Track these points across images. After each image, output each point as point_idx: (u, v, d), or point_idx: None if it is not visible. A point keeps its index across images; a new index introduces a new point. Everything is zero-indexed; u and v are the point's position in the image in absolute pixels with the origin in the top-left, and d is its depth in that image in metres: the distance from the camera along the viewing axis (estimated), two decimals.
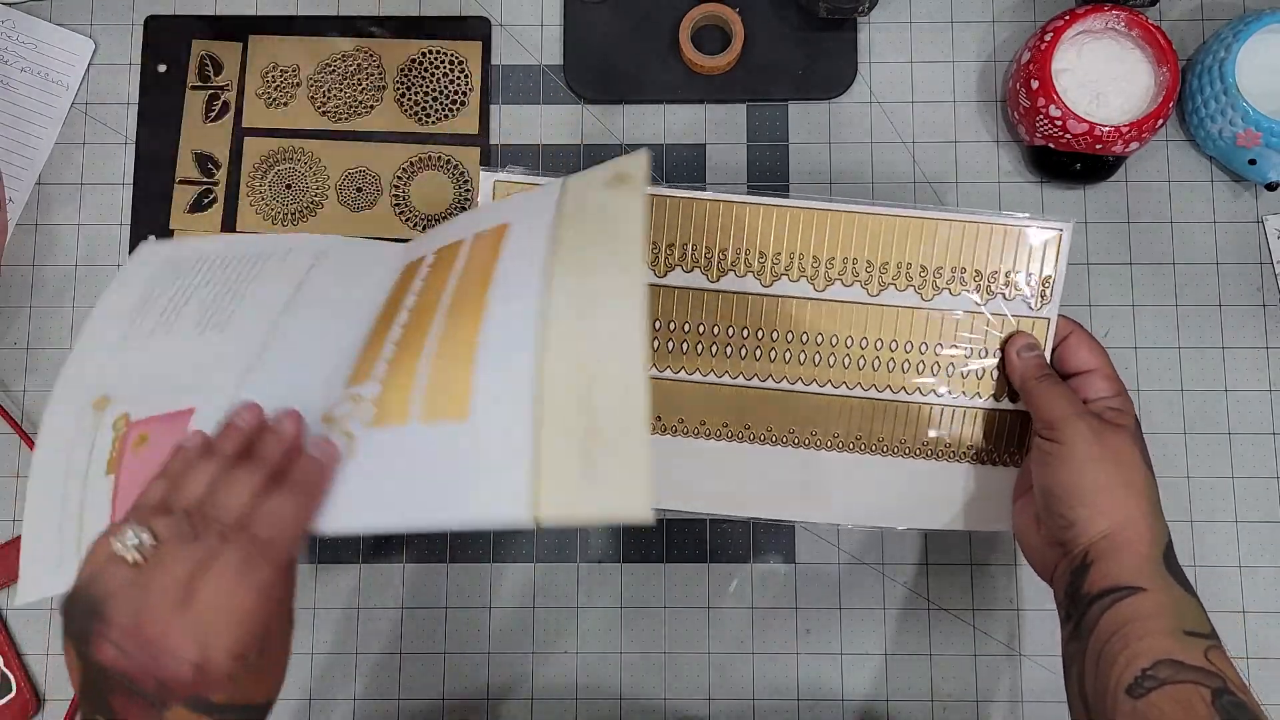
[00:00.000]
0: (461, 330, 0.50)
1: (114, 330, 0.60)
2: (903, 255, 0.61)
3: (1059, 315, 0.61)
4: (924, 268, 0.62)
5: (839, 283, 0.62)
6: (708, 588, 0.68)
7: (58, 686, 0.68)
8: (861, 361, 0.62)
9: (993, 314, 0.61)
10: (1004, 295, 0.61)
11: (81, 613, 0.42)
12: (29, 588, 0.54)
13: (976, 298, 0.61)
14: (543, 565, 0.69)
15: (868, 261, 0.62)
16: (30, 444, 0.69)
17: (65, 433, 0.57)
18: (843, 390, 0.62)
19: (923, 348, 0.62)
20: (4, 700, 0.67)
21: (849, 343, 0.62)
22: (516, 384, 0.47)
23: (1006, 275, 0.61)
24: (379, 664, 0.68)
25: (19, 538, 0.69)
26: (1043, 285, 0.61)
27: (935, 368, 0.62)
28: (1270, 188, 0.68)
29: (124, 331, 0.60)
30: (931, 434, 0.62)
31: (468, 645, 0.68)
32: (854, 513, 0.62)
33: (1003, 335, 0.61)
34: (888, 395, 0.62)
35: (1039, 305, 0.61)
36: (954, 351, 0.62)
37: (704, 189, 0.62)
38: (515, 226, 0.55)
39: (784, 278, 0.62)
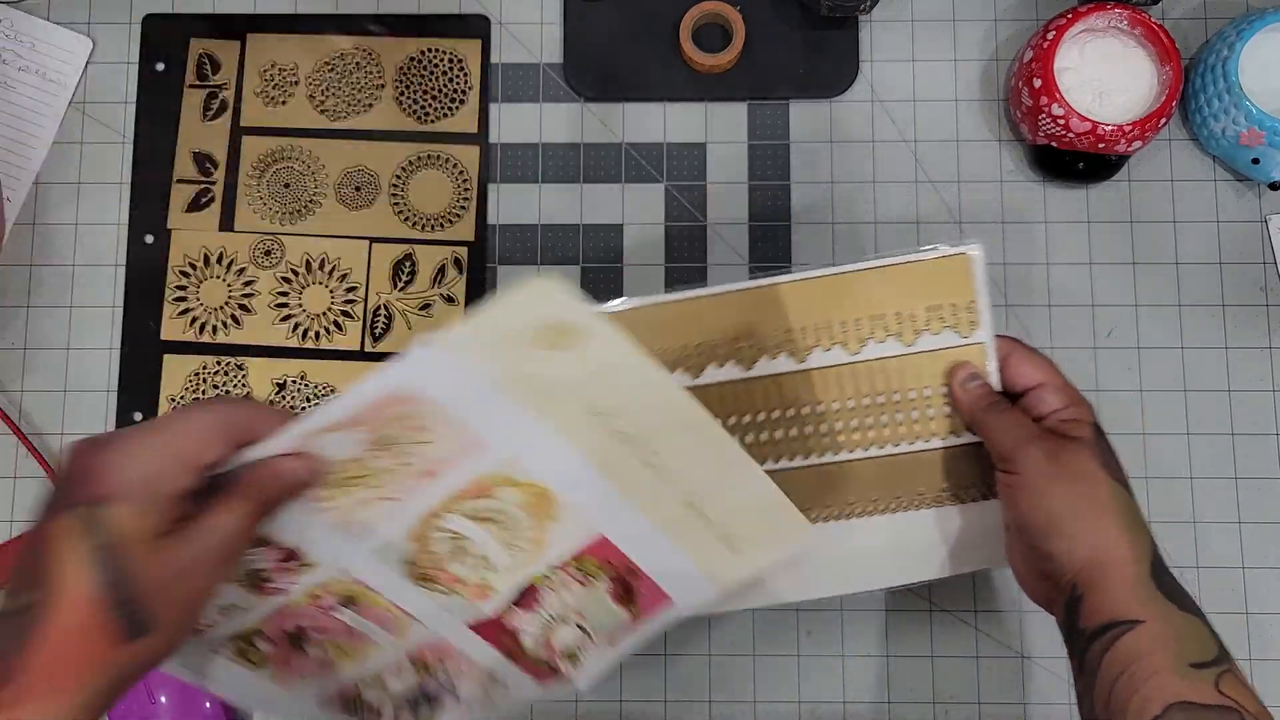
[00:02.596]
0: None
1: None
2: (822, 315, 0.58)
3: (997, 336, 0.58)
4: (843, 322, 0.58)
5: (781, 355, 0.60)
6: None
7: None
8: (823, 428, 0.59)
9: (926, 350, 0.58)
10: (929, 330, 0.58)
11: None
12: None
13: (902, 341, 0.58)
14: None
15: (801, 328, 0.59)
16: (29, 444, 0.69)
17: None
18: (828, 458, 0.60)
19: (867, 400, 0.59)
20: None
21: (785, 414, 0.60)
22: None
23: (928, 310, 0.58)
24: None
25: (18, 538, 0.69)
26: (967, 312, 0.58)
27: (897, 417, 0.59)
28: (1273, 187, 0.68)
29: None
30: (913, 483, 0.59)
31: None
32: (858, 578, 0.60)
33: (944, 371, 0.58)
34: (874, 453, 0.59)
35: (969, 333, 0.59)
36: (910, 397, 0.59)
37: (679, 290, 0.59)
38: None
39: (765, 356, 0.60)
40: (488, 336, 0.49)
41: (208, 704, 0.66)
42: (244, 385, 0.70)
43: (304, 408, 0.70)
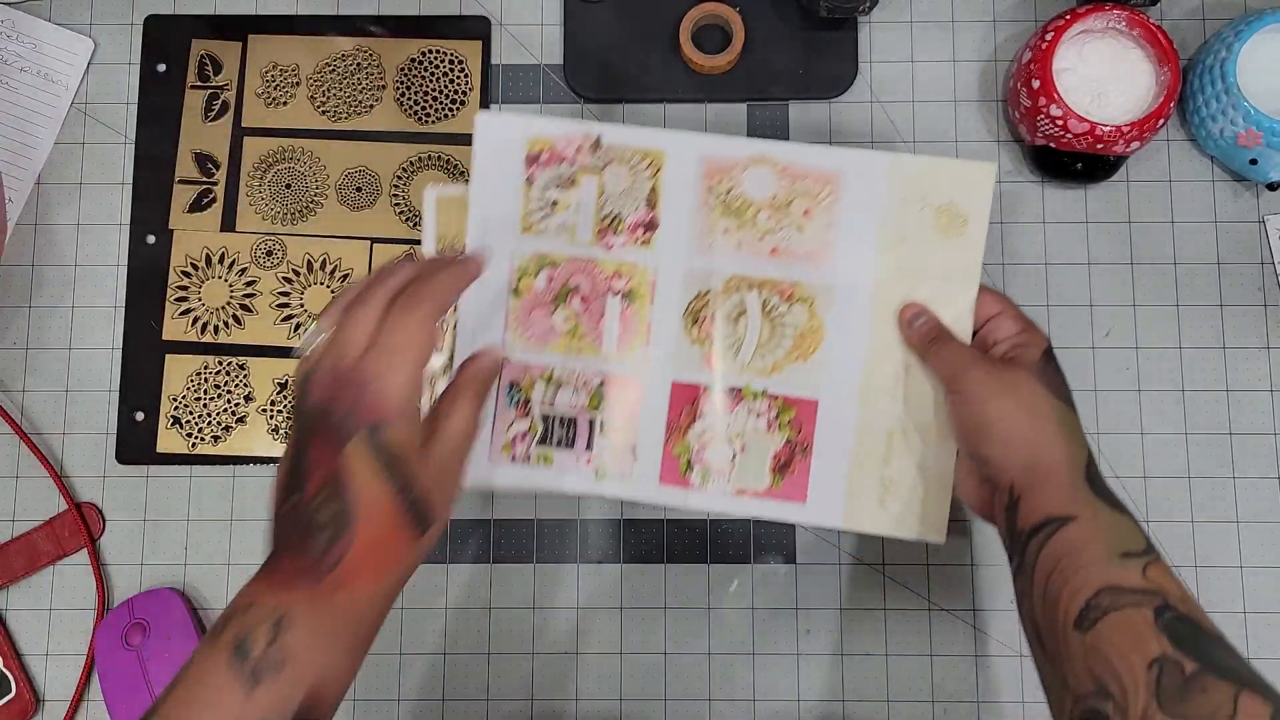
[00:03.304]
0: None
1: None
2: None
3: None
4: None
5: None
6: (708, 588, 0.68)
7: (57, 687, 0.68)
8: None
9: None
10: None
11: (299, 392, 0.50)
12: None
13: None
14: (543, 566, 0.69)
15: None
16: (30, 444, 0.69)
17: None
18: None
19: None
20: (3, 701, 0.67)
21: None
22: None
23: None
24: (378, 664, 0.68)
25: (19, 538, 0.69)
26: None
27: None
28: (1271, 187, 0.68)
29: None
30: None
31: (467, 646, 0.68)
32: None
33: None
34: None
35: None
36: None
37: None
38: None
39: None
40: (918, 178, 0.59)
41: None
42: (245, 386, 0.70)
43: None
